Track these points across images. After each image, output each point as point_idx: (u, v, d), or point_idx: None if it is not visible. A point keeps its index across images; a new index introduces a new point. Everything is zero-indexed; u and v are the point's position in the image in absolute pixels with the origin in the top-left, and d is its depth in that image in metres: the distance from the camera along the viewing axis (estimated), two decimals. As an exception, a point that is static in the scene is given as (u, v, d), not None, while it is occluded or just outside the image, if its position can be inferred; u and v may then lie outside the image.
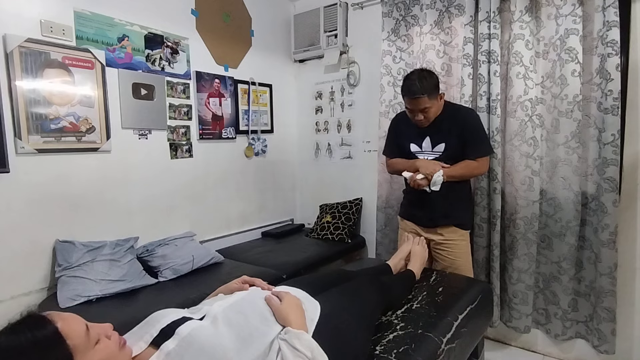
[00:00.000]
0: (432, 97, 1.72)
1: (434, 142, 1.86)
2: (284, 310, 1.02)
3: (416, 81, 1.70)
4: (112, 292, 1.78)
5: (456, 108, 1.89)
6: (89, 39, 1.96)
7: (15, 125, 1.72)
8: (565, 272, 1.96)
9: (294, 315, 1.01)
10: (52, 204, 1.86)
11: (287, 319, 0.99)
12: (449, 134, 1.82)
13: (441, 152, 1.84)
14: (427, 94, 1.70)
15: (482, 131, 1.87)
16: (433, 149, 1.86)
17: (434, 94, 1.74)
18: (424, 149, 1.89)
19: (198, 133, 2.50)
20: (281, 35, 3.06)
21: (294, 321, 0.99)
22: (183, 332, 0.84)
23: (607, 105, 1.76)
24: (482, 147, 1.84)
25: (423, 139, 1.88)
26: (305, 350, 0.90)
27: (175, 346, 0.81)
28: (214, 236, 2.64)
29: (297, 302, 1.08)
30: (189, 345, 0.82)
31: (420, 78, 1.71)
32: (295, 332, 0.94)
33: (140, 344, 0.83)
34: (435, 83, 1.75)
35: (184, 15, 2.40)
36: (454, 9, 2.21)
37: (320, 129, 3.12)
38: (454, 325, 1.39)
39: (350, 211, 2.81)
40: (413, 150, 1.93)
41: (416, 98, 1.70)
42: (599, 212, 1.84)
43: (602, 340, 1.88)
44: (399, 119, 2.04)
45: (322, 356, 0.93)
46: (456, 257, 1.92)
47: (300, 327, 0.98)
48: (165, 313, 0.92)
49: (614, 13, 1.71)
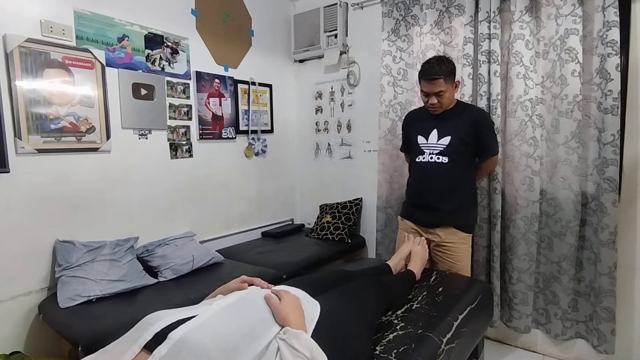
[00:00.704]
0: (447, 80, 1.78)
1: (440, 135, 1.90)
2: (283, 310, 1.01)
3: (435, 64, 1.78)
4: (112, 292, 1.78)
5: (467, 105, 1.98)
6: (89, 39, 1.96)
7: (15, 125, 1.72)
8: (565, 272, 1.96)
9: (293, 315, 1.00)
10: (52, 204, 1.86)
11: (286, 319, 0.99)
12: (456, 128, 1.86)
13: (445, 145, 1.87)
14: (444, 77, 1.76)
15: (493, 131, 1.95)
16: (438, 141, 1.89)
17: (450, 78, 1.80)
18: (429, 141, 1.92)
19: (198, 133, 2.50)
20: (281, 35, 3.06)
21: (293, 321, 0.99)
22: (176, 336, 0.83)
23: (607, 105, 1.76)
24: (492, 147, 1.92)
25: (430, 131, 1.92)
26: (304, 350, 0.90)
27: (167, 351, 0.80)
28: (214, 236, 2.64)
29: (296, 302, 1.08)
30: (180, 349, 0.81)
31: (439, 62, 1.79)
32: (294, 332, 0.94)
33: (133, 348, 0.82)
34: (452, 69, 1.81)
35: (184, 15, 2.40)
36: (454, 9, 2.21)
37: (320, 129, 3.12)
38: (454, 325, 1.39)
39: (350, 211, 2.81)
40: (419, 142, 1.96)
41: (433, 79, 1.77)
42: (598, 212, 1.84)
43: (602, 340, 1.88)
44: (410, 115, 2.13)
45: (322, 356, 0.93)
46: (455, 260, 1.92)
47: (300, 327, 0.97)
48: (160, 316, 0.91)
49: (614, 13, 1.71)
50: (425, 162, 1.92)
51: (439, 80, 1.76)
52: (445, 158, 1.86)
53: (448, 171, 1.86)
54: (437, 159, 1.89)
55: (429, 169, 1.91)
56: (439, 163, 1.88)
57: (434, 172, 1.89)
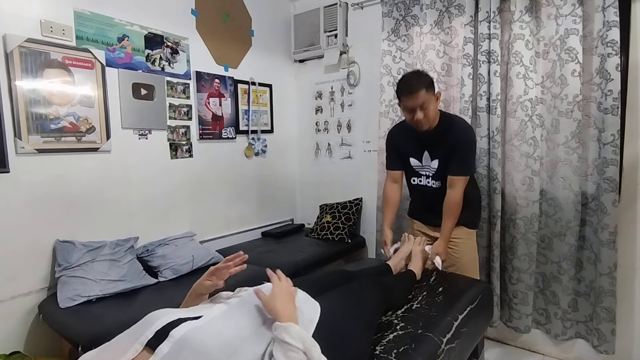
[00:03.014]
0: (429, 91, 1.70)
1: (432, 157, 1.84)
2: (272, 302, 0.99)
3: (412, 77, 1.72)
4: (112, 292, 1.79)
5: (452, 123, 1.80)
6: (89, 39, 1.95)
7: (15, 125, 1.72)
8: (565, 272, 1.96)
9: (281, 305, 0.99)
10: (52, 204, 1.86)
11: (275, 310, 0.97)
12: (441, 150, 1.80)
13: (435, 169, 1.84)
14: (425, 87, 1.68)
15: (468, 154, 1.80)
16: (430, 164, 1.86)
17: (431, 89, 1.72)
18: (424, 164, 1.88)
19: (198, 133, 2.50)
20: (281, 35, 3.06)
21: (282, 312, 0.97)
22: (177, 335, 0.83)
23: (607, 105, 1.76)
24: (463, 167, 1.78)
25: (422, 152, 1.86)
26: (296, 343, 0.89)
27: (169, 349, 0.80)
28: (214, 236, 2.64)
29: (286, 290, 1.05)
30: (182, 348, 0.81)
31: (416, 74, 1.74)
32: (284, 325, 0.93)
33: (135, 346, 0.82)
34: (430, 80, 1.73)
35: (184, 15, 2.40)
36: (454, 9, 2.21)
37: (320, 129, 3.12)
38: (454, 325, 1.39)
39: (350, 211, 2.81)
40: (413, 165, 1.92)
41: (414, 93, 1.67)
42: (598, 212, 1.84)
43: (602, 340, 1.88)
44: (394, 133, 2.00)
45: (314, 345, 0.92)
46: (461, 255, 1.92)
47: (289, 318, 0.96)
48: (161, 314, 0.91)
49: (614, 13, 1.70)
50: (422, 185, 1.93)
51: (420, 92, 1.66)
52: (438, 182, 1.86)
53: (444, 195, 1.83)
54: (432, 184, 1.89)
55: (426, 192, 1.92)
56: (435, 188, 1.88)
57: (431, 194, 1.90)
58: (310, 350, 0.90)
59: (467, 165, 1.82)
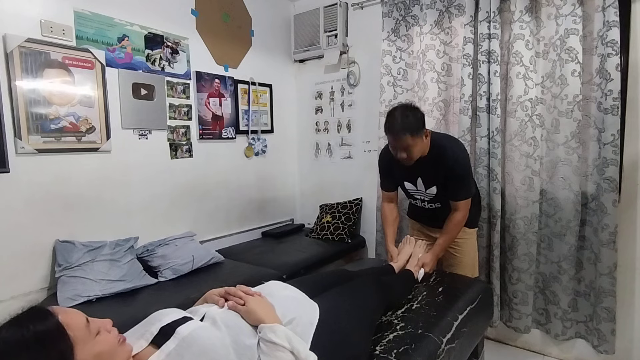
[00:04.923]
0: (415, 135, 1.59)
1: (426, 185, 1.80)
2: (252, 310, 0.98)
3: (399, 118, 1.59)
4: (112, 292, 1.78)
5: (442, 150, 1.71)
6: (89, 39, 1.95)
7: (15, 125, 1.72)
8: (565, 272, 1.96)
9: (263, 311, 0.98)
10: (52, 203, 1.86)
11: (258, 317, 0.97)
12: (437, 177, 1.75)
13: (434, 194, 1.81)
14: (410, 133, 1.57)
15: (464, 179, 1.74)
16: (427, 190, 1.82)
17: (418, 132, 1.60)
18: (418, 188, 1.85)
19: (198, 133, 2.50)
20: (281, 35, 3.06)
21: (265, 316, 0.96)
22: (183, 332, 0.84)
23: (607, 105, 1.76)
24: (464, 192, 1.75)
25: (415, 179, 1.82)
26: (282, 342, 0.89)
27: (175, 346, 0.81)
28: (214, 236, 2.64)
29: (260, 299, 1.04)
30: (189, 345, 0.82)
31: (403, 116, 1.59)
32: (269, 325, 0.93)
33: (140, 342, 0.83)
34: (419, 121, 1.61)
35: (184, 15, 2.40)
36: (454, 9, 2.21)
37: (320, 129, 3.12)
38: (454, 325, 1.39)
39: (350, 211, 2.81)
40: (409, 189, 1.90)
41: (398, 138, 1.59)
42: (598, 212, 1.84)
43: (602, 340, 1.88)
44: (385, 154, 1.91)
45: (300, 344, 0.92)
46: (462, 255, 1.93)
47: (273, 319, 0.96)
48: (166, 312, 0.92)
49: (614, 13, 1.70)
50: (420, 206, 1.94)
51: (404, 138, 1.57)
52: (438, 204, 1.86)
53: (445, 211, 1.83)
54: (431, 206, 1.89)
55: (427, 210, 1.93)
56: (434, 208, 1.88)
57: (431, 212, 1.91)
58: (297, 348, 0.90)
59: (467, 188, 1.77)
